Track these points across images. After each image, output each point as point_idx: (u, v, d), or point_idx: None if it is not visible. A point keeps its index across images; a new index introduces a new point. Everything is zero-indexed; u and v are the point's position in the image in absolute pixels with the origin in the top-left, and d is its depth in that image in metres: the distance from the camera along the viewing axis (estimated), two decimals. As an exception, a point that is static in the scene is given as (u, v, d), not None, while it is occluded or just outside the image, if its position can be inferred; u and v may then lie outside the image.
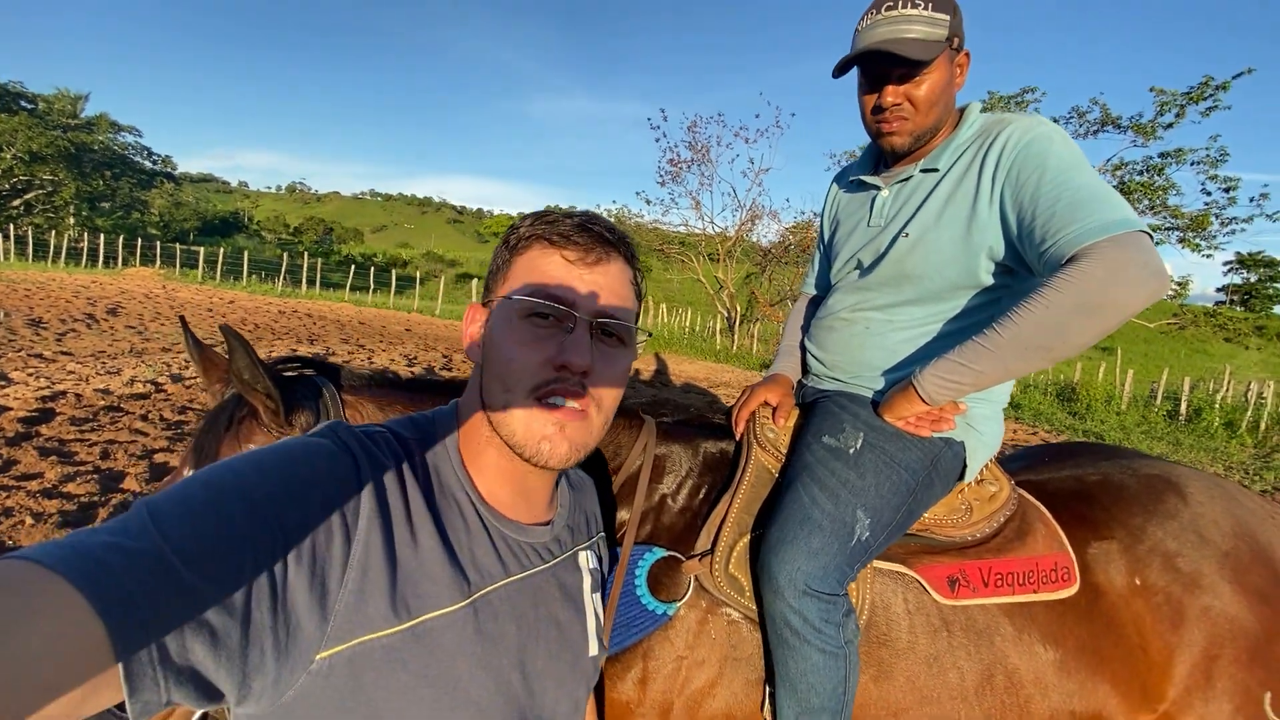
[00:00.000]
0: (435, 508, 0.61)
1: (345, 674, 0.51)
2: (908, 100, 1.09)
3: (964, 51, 1.13)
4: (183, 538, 0.43)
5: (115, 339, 8.47)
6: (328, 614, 0.51)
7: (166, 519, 0.44)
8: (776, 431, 1.19)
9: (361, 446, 0.58)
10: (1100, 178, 0.99)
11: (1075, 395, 12.68)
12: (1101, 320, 0.91)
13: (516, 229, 0.67)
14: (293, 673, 0.49)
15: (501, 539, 0.65)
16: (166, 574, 0.41)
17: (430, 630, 0.56)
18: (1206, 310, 15.32)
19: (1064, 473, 1.33)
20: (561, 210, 0.68)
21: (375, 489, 0.56)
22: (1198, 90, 10.97)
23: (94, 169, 34.57)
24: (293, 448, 0.55)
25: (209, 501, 0.46)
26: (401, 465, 0.60)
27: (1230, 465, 8.38)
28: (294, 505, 0.50)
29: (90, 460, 3.70)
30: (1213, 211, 11.65)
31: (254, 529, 0.47)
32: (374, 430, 0.63)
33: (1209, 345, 39.75)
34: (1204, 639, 1.07)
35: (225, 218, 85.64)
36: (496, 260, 0.68)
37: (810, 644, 0.96)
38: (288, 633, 0.48)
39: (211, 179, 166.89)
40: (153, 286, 16.52)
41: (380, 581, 0.54)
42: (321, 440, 0.57)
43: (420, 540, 0.58)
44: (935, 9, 1.05)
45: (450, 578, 0.59)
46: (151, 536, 0.42)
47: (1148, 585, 1.11)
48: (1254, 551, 1.13)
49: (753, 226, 17.53)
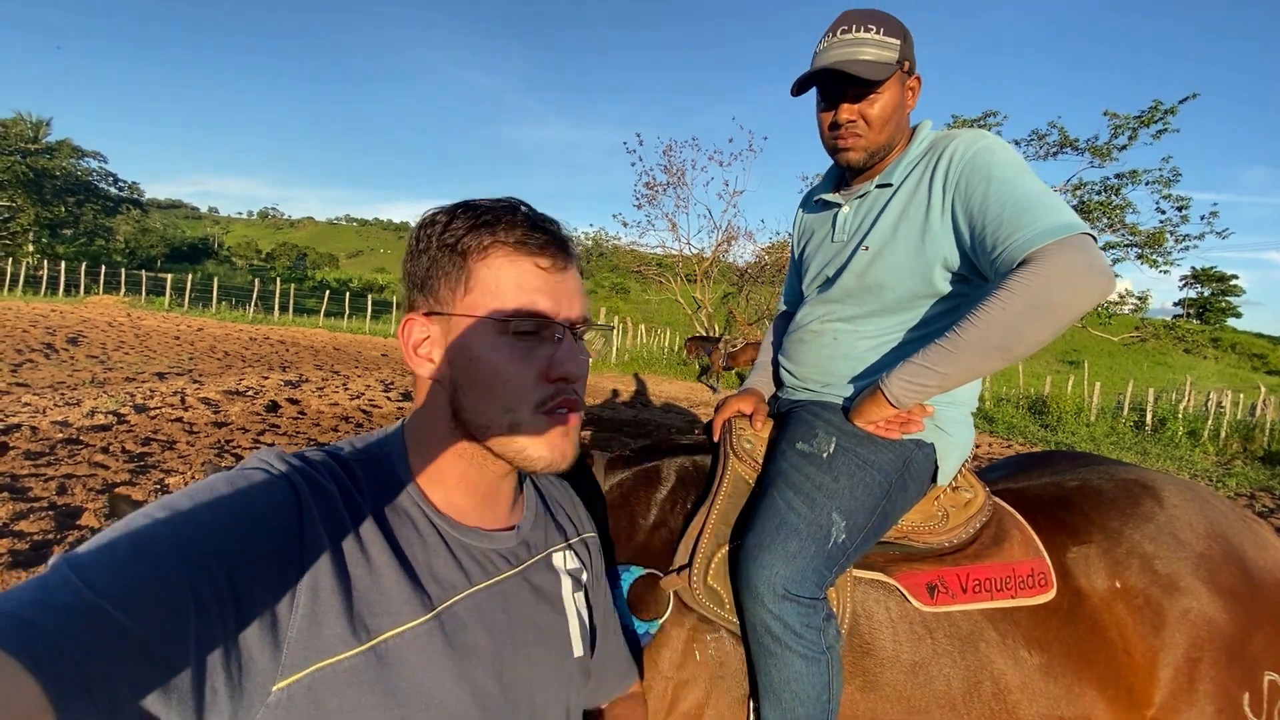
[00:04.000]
0: (386, 525, 0.59)
1: (306, 702, 0.49)
2: (861, 118, 1.14)
3: (915, 76, 1.19)
4: (110, 586, 0.41)
5: (75, 369, 8.19)
6: (280, 643, 0.49)
7: (90, 569, 0.42)
8: (753, 442, 1.20)
9: (298, 472, 0.56)
10: (1041, 183, 1.03)
11: (1046, 408, 12.95)
12: (1055, 319, 0.94)
13: (453, 229, 0.62)
14: (250, 708, 0.47)
15: (462, 549, 0.64)
16: (99, 623, 0.39)
17: (393, 649, 0.54)
18: (1166, 323, 15.81)
19: (1043, 480, 1.34)
20: (487, 200, 0.64)
21: (317, 512, 0.54)
22: (1148, 114, 11.50)
23: (55, 195, 33.78)
24: (224, 480, 0.52)
25: (134, 545, 0.44)
26: (344, 486, 0.58)
27: (1195, 473, 8.60)
28: (228, 536, 0.48)
29: (45, 496, 3.53)
30: (1167, 229, 12.14)
31: (187, 567, 0.45)
32: (310, 454, 0.61)
33: (1169, 357, 41.11)
34: (1185, 641, 1.08)
35: (194, 244, 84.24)
36: (440, 265, 0.62)
37: (792, 650, 0.95)
38: (239, 667, 0.46)
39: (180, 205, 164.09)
40: (117, 315, 16.08)
41: (333, 604, 0.52)
42: (253, 469, 0.54)
43: (373, 558, 0.56)
44: (887, 34, 1.11)
45: (409, 593, 0.57)
46: (74, 588, 0.40)
47: (1128, 587, 1.12)
48: (1225, 552, 1.15)
49: (729, 247, 17.78)
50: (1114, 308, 14.49)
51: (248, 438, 5.20)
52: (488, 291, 0.61)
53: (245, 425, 5.62)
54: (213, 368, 9.40)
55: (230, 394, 6.79)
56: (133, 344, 11.16)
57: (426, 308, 0.64)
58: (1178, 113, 11.37)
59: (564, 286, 0.64)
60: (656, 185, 16.30)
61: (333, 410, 6.68)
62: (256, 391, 7.11)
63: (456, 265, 0.62)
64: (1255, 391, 14.85)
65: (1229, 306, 61.47)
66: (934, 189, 1.10)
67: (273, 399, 6.76)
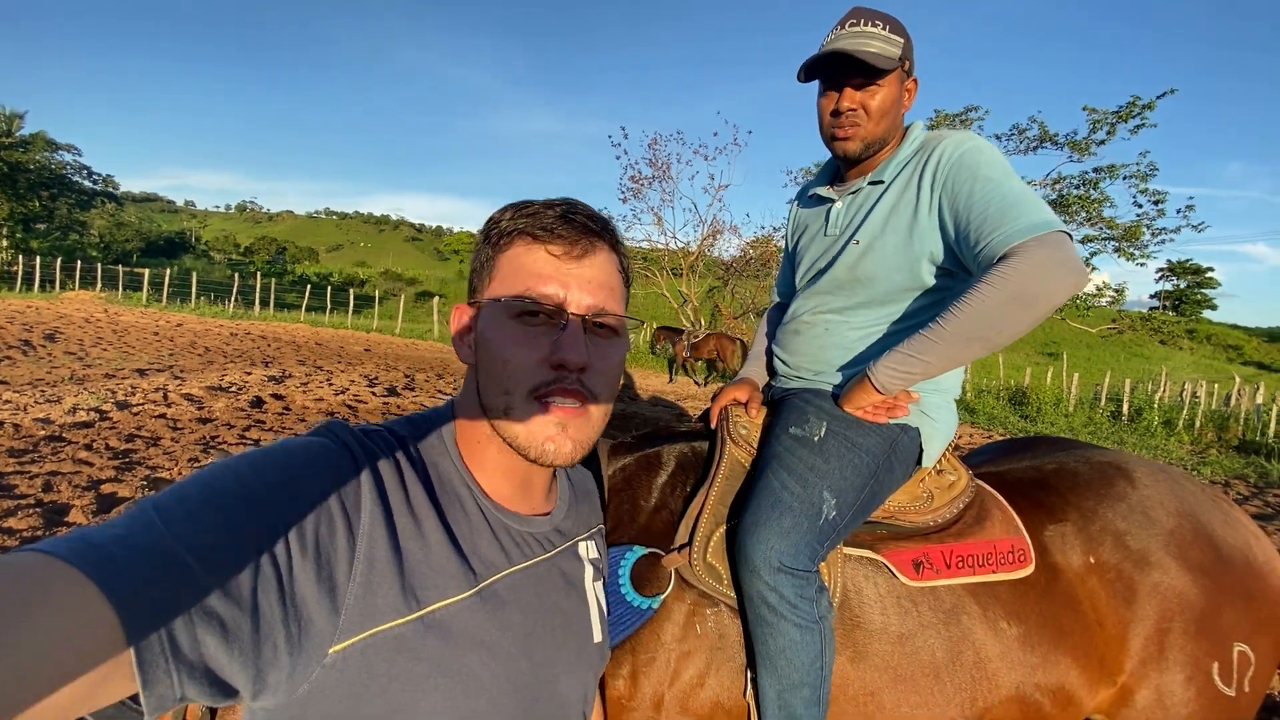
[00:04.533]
0: (436, 501, 0.61)
1: (359, 666, 0.52)
2: (863, 107, 1.20)
3: (913, 78, 1.26)
4: (187, 533, 0.44)
5: (54, 366, 8.05)
6: (338, 608, 0.51)
7: (171, 516, 0.45)
8: (748, 427, 1.25)
9: (359, 444, 0.59)
10: (1023, 183, 1.09)
11: (1026, 399, 13.19)
12: (1032, 310, 1.00)
13: (497, 223, 0.66)
14: (307, 666, 0.49)
15: (504, 530, 0.66)
16: (174, 567, 0.42)
17: (440, 620, 0.56)
18: (1143, 315, 16.17)
19: (1023, 463, 1.40)
20: (541, 200, 0.67)
21: (375, 484, 0.57)
22: (1126, 109, 11.68)
23: (29, 189, 33.01)
24: (291, 446, 0.55)
25: (209, 500, 0.47)
26: (400, 461, 0.61)
27: (1171, 461, 8.83)
28: (294, 501, 0.51)
29: (31, 494, 3.50)
30: (1144, 223, 12.36)
31: (256, 525, 0.48)
32: (371, 428, 0.63)
33: (1146, 349, 41.92)
34: (1155, 613, 1.14)
35: (171, 238, 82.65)
36: (479, 258, 0.67)
37: (787, 619, 1.00)
38: (299, 627, 0.49)
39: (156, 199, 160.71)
40: (94, 310, 15.78)
41: (387, 573, 0.54)
42: (318, 439, 0.57)
43: (424, 532, 0.58)
44: (892, 31, 1.18)
45: (456, 568, 0.59)
46: (157, 531, 0.43)
47: (1101, 563, 1.18)
48: (1195, 529, 1.21)
49: (714, 241, 17.82)
50: (1091, 300, 14.76)
51: (233, 433, 5.16)
52: (502, 276, 0.65)
53: (230, 421, 5.57)
54: (194, 364, 9.28)
55: (213, 390, 6.73)
56: (111, 340, 10.97)
57: (470, 298, 0.69)
58: (1155, 108, 11.57)
59: (577, 274, 0.64)
60: (642, 179, 16.29)
61: (318, 405, 6.64)
62: (240, 387, 7.05)
63: (487, 256, 0.66)
64: (1230, 382, 15.24)
65: (1205, 299, 62.77)
66: (923, 186, 1.15)
67: (257, 394, 6.70)
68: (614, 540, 1.11)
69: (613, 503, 1.17)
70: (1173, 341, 15.27)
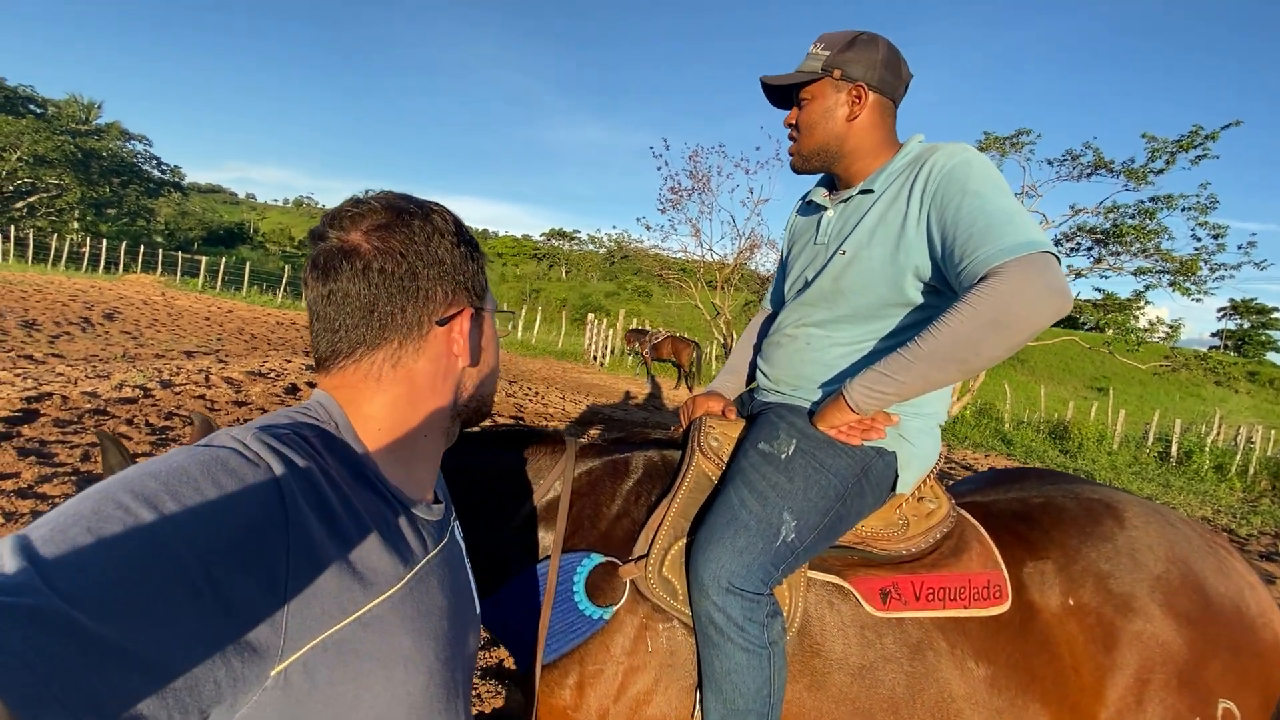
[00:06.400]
0: (360, 497, 0.62)
1: (301, 678, 0.51)
2: (795, 125, 1.25)
3: (858, 84, 1.19)
4: (79, 588, 0.38)
5: (109, 343, 8.48)
6: (277, 630, 0.49)
7: (55, 570, 0.38)
8: (720, 440, 1.23)
9: (273, 450, 0.54)
10: (1015, 200, 1.05)
11: (1068, 433, 12.69)
12: (1010, 335, 0.96)
13: (466, 230, 0.73)
14: (248, 692, 0.48)
15: (415, 519, 0.69)
16: (67, 632, 0.37)
17: (377, 615, 0.58)
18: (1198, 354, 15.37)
19: (1010, 495, 1.35)
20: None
21: (299, 490, 0.54)
22: (1187, 139, 11.18)
23: (101, 175, 34.89)
24: (189, 465, 0.48)
25: (103, 543, 0.41)
26: (318, 461, 0.59)
27: (1219, 509, 8.37)
28: (205, 528, 0.46)
29: (70, 462, 3.69)
30: (1202, 257, 11.78)
31: (161, 566, 0.42)
32: (277, 427, 0.59)
33: (1202, 389, 39.88)
34: (1136, 662, 1.09)
35: (230, 228, 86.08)
36: (475, 261, 0.72)
37: (733, 642, 0.98)
38: (241, 660, 0.46)
39: (220, 190, 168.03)
40: (152, 293, 16.57)
41: (323, 581, 0.53)
42: (226, 451, 0.51)
43: (353, 532, 0.58)
44: (824, 47, 1.21)
45: (386, 562, 0.61)
46: (40, 592, 0.37)
47: (1081, 606, 1.13)
48: (1184, 575, 1.15)
49: (752, 255, 17.69)
50: (1143, 335, 14.14)
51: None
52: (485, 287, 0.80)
53: (264, 406, 5.77)
54: (238, 349, 9.66)
55: (253, 375, 6.98)
56: (165, 322, 11.51)
57: (469, 299, 0.74)
58: (1219, 138, 11.05)
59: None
60: (681, 190, 16.30)
61: (349, 396, 6.82)
62: (278, 374, 7.30)
63: (479, 262, 0.76)
64: (1289, 428, 14.39)
65: (1269, 340, 59.51)
66: (912, 198, 1.12)
67: (293, 381, 6.93)
68: (572, 546, 1.11)
69: (575, 506, 1.16)
70: (1230, 383, 14.49)
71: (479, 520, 1.10)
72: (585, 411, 8.55)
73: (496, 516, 1.14)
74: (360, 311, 0.64)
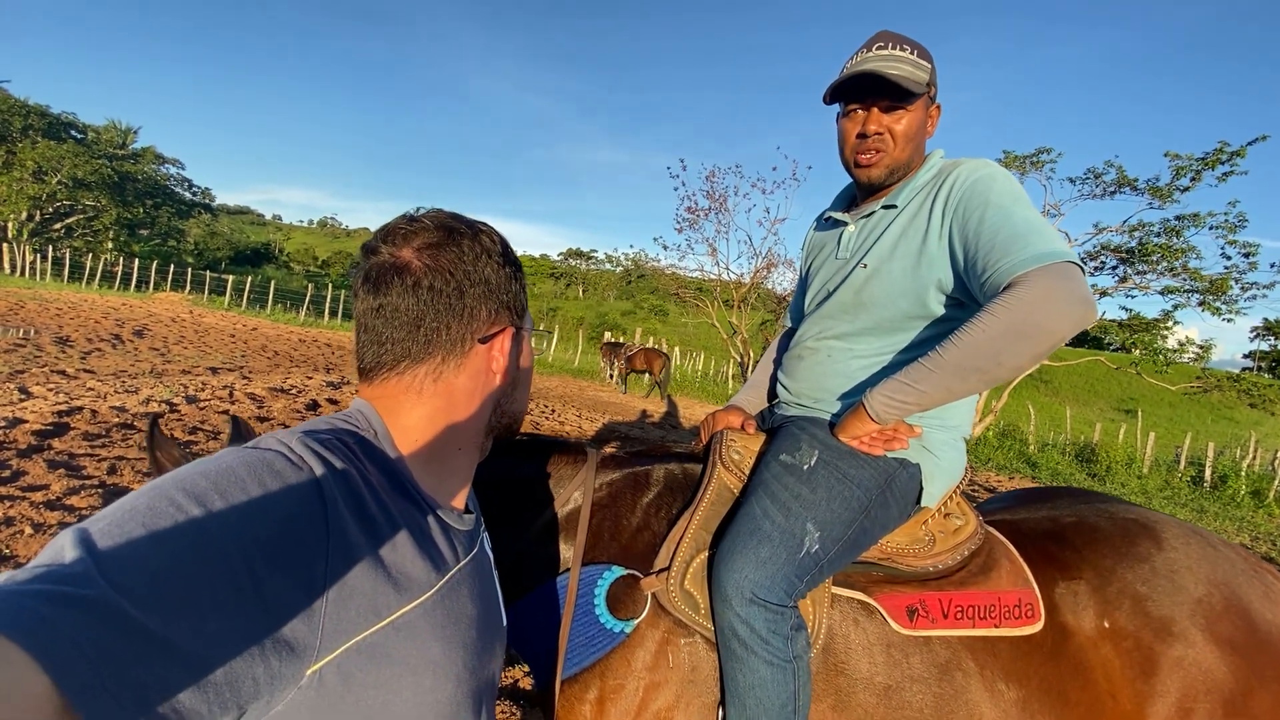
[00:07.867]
0: (397, 504, 0.63)
1: (335, 679, 0.52)
2: (889, 131, 1.17)
3: (937, 105, 1.23)
4: (131, 581, 0.40)
5: (138, 359, 8.68)
6: (315, 629, 0.50)
7: (109, 561, 0.40)
8: (741, 453, 1.21)
9: (316, 455, 0.56)
10: (1037, 213, 1.04)
11: (1095, 456, 12.38)
12: (1033, 344, 0.94)
13: (512, 250, 0.74)
14: (284, 691, 0.49)
15: (448, 527, 0.69)
16: (118, 623, 0.38)
17: (409, 621, 0.58)
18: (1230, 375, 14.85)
19: (1040, 513, 1.31)
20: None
21: (340, 494, 0.55)
22: (1213, 155, 11.02)
23: (136, 197, 36.14)
24: (236, 467, 0.50)
25: (155, 539, 0.42)
26: (358, 467, 0.60)
27: (1258, 535, 8.08)
28: (252, 527, 0.47)
29: (97, 475, 3.76)
30: (1233, 275, 11.53)
31: (208, 564, 0.43)
32: (320, 433, 0.60)
33: (1235, 411, 38.77)
34: (1178, 690, 1.04)
35: (257, 248, 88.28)
36: (516, 281, 0.74)
37: (757, 655, 0.96)
38: (279, 658, 0.47)
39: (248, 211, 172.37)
40: (180, 311, 16.99)
41: (360, 585, 0.54)
42: (271, 454, 0.53)
43: (389, 537, 0.59)
44: (920, 56, 1.15)
45: (420, 569, 0.61)
46: (94, 582, 0.38)
47: (1117, 628, 1.09)
48: (1228, 600, 1.10)
49: (768, 274, 17.69)
50: (1172, 355, 13.81)
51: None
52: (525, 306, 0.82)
53: (285, 421, 5.85)
54: (262, 365, 9.82)
55: (275, 391, 7.09)
56: (192, 339, 11.77)
57: (510, 319, 0.75)
58: (1246, 155, 10.87)
59: None
60: (698, 210, 16.38)
61: (369, 412, 6.89)
62: (300, 390, 7.41)
63: (520, 283, 0.79)
64: (1330, 453, 13.89)
65: (1305, 361, 57.89)
66: (934, 213, 1.12)
67: (314, 398, 7.03)
68: (592, 558, 1.10)
69: (595, 518, 1.15)
70: (1265, 405, 14.04)
71: (499, 529, 1.09)
72: (601, 429, 8.54)
73: (515, 526, 1.14)
74: (407, 326, 0.65)
